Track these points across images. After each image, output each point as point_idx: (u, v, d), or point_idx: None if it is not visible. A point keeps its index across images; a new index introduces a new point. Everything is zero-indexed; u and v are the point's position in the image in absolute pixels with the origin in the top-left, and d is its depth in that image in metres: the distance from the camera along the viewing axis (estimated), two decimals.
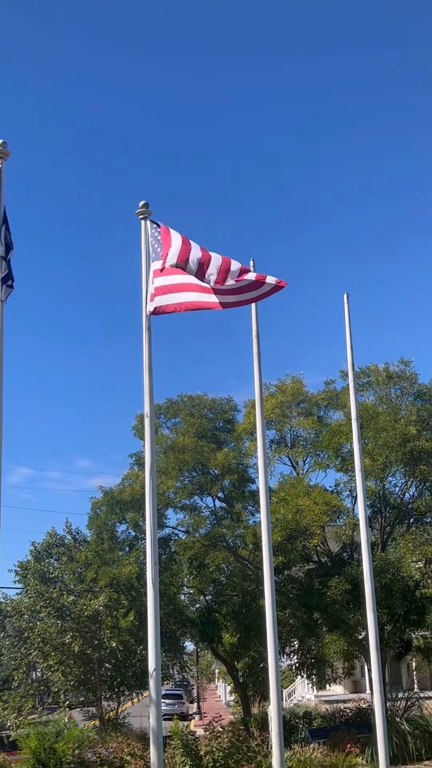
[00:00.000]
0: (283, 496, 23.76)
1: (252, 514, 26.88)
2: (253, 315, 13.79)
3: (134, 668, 28.00)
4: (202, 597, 30.14)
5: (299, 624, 25.10)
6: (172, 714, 40.29)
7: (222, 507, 27.86)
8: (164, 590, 25.15)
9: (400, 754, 21.87)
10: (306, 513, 22.89)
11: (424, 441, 23.50)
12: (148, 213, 11.29)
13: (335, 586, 23.18)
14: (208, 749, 17.32)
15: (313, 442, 26.88)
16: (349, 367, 15.85)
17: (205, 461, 26.20)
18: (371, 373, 27.23)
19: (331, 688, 47.77)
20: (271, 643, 12.14)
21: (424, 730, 23.49)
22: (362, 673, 42.25)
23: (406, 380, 26.93)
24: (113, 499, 27.76)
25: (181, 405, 28.87)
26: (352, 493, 25.62)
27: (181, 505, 27.36)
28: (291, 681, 49.82)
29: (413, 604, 23.19)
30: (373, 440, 23.84)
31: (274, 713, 11.97)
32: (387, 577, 22.54)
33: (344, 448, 24.61)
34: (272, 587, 12.47)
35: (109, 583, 26.42)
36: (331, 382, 27.58)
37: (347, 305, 15.71)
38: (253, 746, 17.68)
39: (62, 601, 26.92)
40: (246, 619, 26.06)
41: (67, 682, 27.28)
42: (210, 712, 41.57)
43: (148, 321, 10.75)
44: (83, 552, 30.66)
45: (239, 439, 27.49)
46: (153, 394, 10.60)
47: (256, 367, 13.45)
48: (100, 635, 26.54)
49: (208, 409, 28.87)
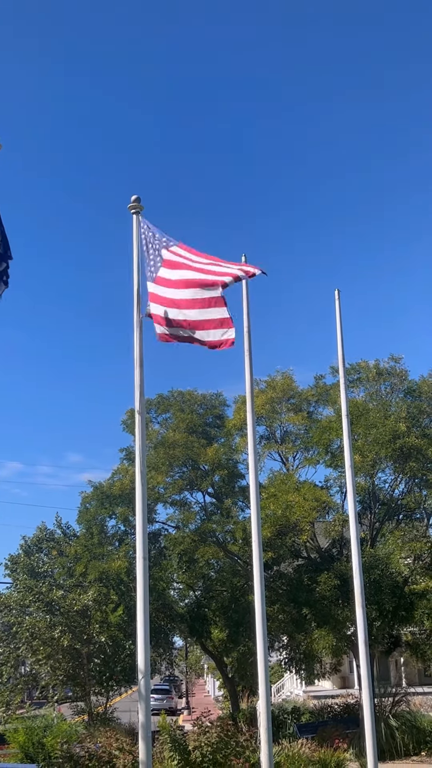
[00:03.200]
0: (272, 491, 23.78)
1: (242, 510, 26.93)
2: (245, 311, 13.76)
3: (123, 663, 28.01)
4: (192, 592, 30.16)
5: (288, 619, 25.15)
6: (161, 709, 40.31)
7: (212, 502, 27.88)
8: (154, 585, 25.16)
9: (388, 749, 21.96)
10: (296, 509, 22.92)
11: (413, 438, 23.55)
12: (139, 208, 11.24)
13: (324, 582, 23.23)
14: (196, 744, 17.31)
15: (303, 438, 26.92)
16: (340, 363, 15.83)
17: (195, 457, 26.20)
18: (362, 369, 27.29)
19: (319, 683, 47.91)
20: (260, 638, 12.14)
21: (412, 725, 23.59)
22: (350, 669, 42.40)
23: (397, 377, 27.00)
24: (103, 494, 27.74)
25: (172, 401, 28.87)
26: (342, 489, 25.68)
27: (171, 501, 27.37)
28: (280, 676, 49.91)
29: (402, 600, 23.28)
30: (363, 436, 23.88)
31: (263, 708, 11.97)
32: (376, 573, 22.60)
33: (334, 444, 24.65)
34: (262, 583, 12.46)
35: (98, 577, 26.40)
36: (321, 377, 27.66)
37: (338, 301, 15.68)
38: (241, 741, 17.68)
39: (51, 596, 26.89)
40: (235, 615, 26.09)
41: (56, 676, 27.26)
42: (199, 707, 41.55)
43: (139, 317, 10.71)
44: (73, 546, 30.65)
45: (229, 435, 27.50)
46: (144, 389, 10.57)
47: (247, 362, 13.40)
48: (89, 630, 26.52)
49: (199, 405, 28.88)
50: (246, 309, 13.71)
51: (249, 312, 13.70)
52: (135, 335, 10.69)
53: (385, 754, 21.31)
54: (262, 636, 12.08)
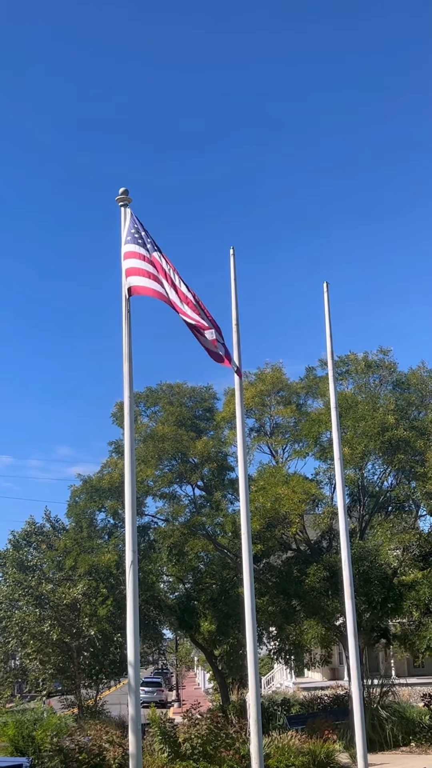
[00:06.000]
0: (262, 484, 23.80)
1: (231, 503, 26.94)
2: (233, 304, 13.76)
3: (112, 656, 28.01)
4: (181, 585, 30.18)
5: (278, 611, 25.21)
6: (151, 701, 40.40)
7: (201, 495, 27.88)
8: (143, 578, 25.15)
9: (378, 740, 22.05)
10: (285, 501, 22.94)
11: (402, 430, 23.59)
12: (127, 200, 11.21)
13: (313, 574, 23.29)
14: (186, 736, 17.37)
15: (292, 430, 26.93)
16: (329, 356, 15.85)
17: (184, 450, 26.18)
18: (351, 362, 27.31)
19: (309, 675, 48.14)
20: (249, 630, 12.17)
21: (401, 716, 23.71)
22: (340, 661, 42.58)
23: (385, 369, 27.03)
24: (92, 488, 27.70)
25: (161, 393, 28.82)
26: (331, 481, 25.72)
27: (161, 494, 27.34)
28: (269, 668, 50.09)
29: (391, 591, 23.35)
30: (352, 429, 23.91)
31: (253, 700, 12.00)
32: (365, 565, 22.67)
33: (323, 436, 24.68)
34: (251, 575, 12.48)
35: (87, 571, 26.37)
36: (311, 369, 27.68)
37: (327, 294, 15.70)
38: (231, 733, 17.75)
39: (41, 590, 26.85)
40: (225, 607, 26.14)
41: (46, 670, 27.26)
42: (189, 700, 41.68)
43: (128, 305, 10.67)
44: (62, 540, 30.60)
45: (218, 428, 27.49)
46: (133, 382, 10.55)
47: (236, 355, 13.39)
48: (78, 623, 26.51)
49: (188, 398, 28.84)
50: (234, 302, 13.72)
51: (237, 304, 13.70)
52: (123, 329, 10.66)
53: (374, 744, 21.40)
54: (252, 628, 12.11)
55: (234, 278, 13.80)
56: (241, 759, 16.27)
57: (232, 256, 13.90)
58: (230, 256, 13.95)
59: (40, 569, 31.39)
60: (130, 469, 10.02)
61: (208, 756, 16.82)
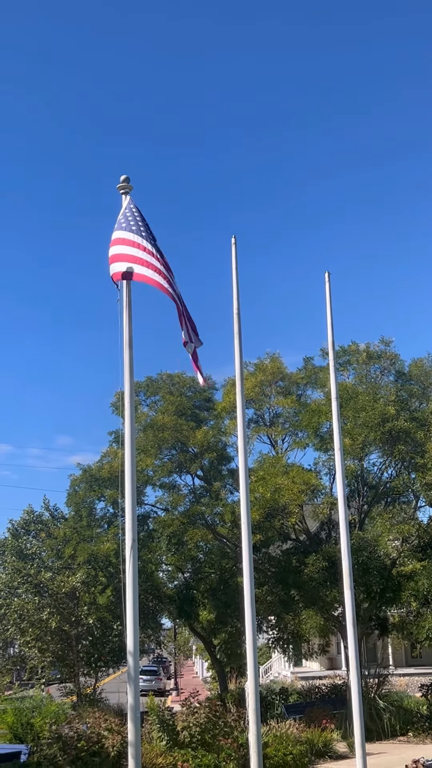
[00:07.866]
0: (261, 475, 23.80)
1: (230, 493, 26.96)
2: (234, 293, 13.67)
3: (111, 644, 28.08)
4: (180, 574, 30.22)
5: (276, 601, 25.25)
6: (149, 690, 40.56)
7: (201, 485, 27.89)
8: (142, 567, 25.20)
9: (375, 729, 22.09)
10: (284, 492, 22.94)
11: (402, 421, 23.55)
12: (128, 187, 11.13)
13: (312, 564, 23.32)
14: (185, 725, 17.42)
15: (292, 421, 26.91)
16: (330, 346, 15.77)
17: (184, 439, 26.17)
18: (352, 352, 27.25)
19: (307, 664, 48.23)
20: (248, 619, 12.15)
21: (398, 706, 23.76)
22: (338, 650, 42.66)
23: (387, 359, 26.97)
24: (92, 477, 27.71)
25: (161, 383, 28.79)
26: (331, 472, 25.73)
27: (160, 483, 27.36)
28: (268, 658, 50.20)
29: (389, 581, 23.38)
30: (352, 420, 23.87)
31: (251, 689, 12.00)
32: (364, 555, 22.69)
33: (323, 427, 24.66)
34: (250, 565, 12.46)
35: (87, 559, 26.41)
36: (310, 359, 27.63)
37: (328, 284, 15.61)
38: (229, 722, 17.78)
39: (40, 578, 26.91)
40: (223, 596, 26.18)
41: (44, 658, 27.34)
42: (187, 688, 41.80)
43: (128, 291, 10.57)
44: (62, 529, 30.65)
45: (218, 418, 27.47)
46: (133, 371, 10.48)
47: (237, 345, 13.32)
48: (77, 612, 26.57)
49: (188, 388, 28.81)
50: (236, 291, 13.62)
51: (239, 294, 13.61)
52: (124, 317, 10.58)
53: (372, 734, 21.42)
54: (251, 617, 12.10)
55: (235, 267, 13.70)
56: (239, 747, 16.30)
57: (234, 245, 13.80)
58: (232, 245, 13.85)
59: (39, 557, 31.47)
60: (130, 458, 9.98)
61: (206, 744, 16.86)
